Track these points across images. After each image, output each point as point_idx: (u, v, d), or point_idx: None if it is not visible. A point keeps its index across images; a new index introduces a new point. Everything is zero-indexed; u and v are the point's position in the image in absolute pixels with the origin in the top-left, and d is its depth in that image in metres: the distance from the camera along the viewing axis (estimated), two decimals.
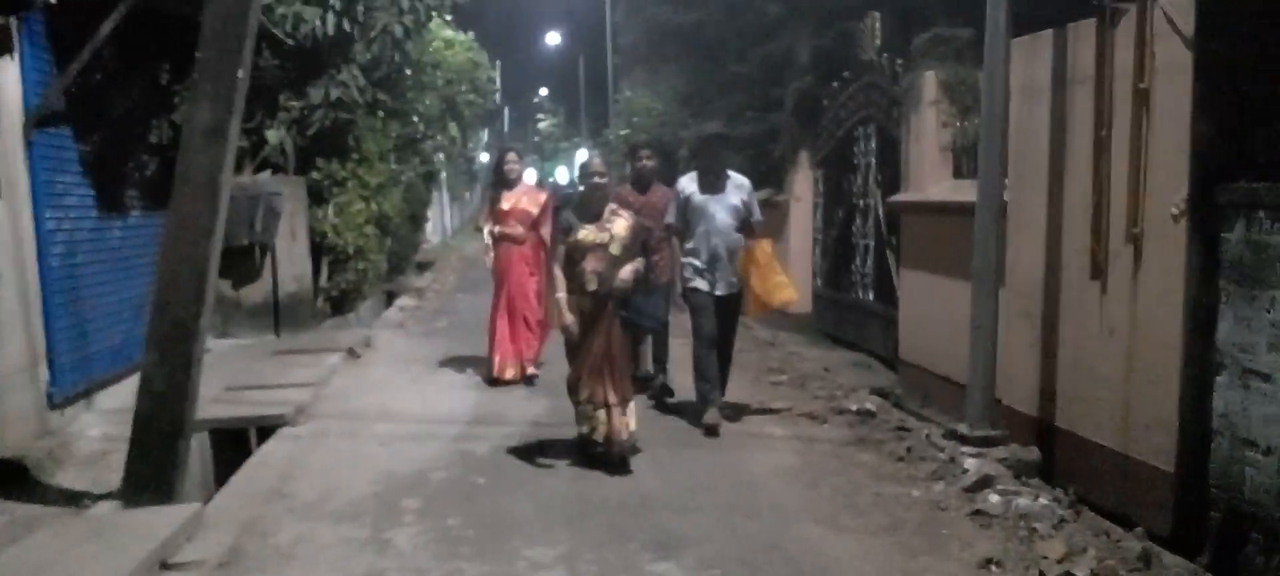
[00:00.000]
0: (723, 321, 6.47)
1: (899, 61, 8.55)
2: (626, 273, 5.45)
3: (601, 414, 5.54)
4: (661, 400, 7.21)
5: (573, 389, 5.64)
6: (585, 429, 5.63)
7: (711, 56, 13.37)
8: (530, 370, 8.00)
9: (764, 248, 6.42)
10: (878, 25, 9.09)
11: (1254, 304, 4.23)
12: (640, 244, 5.77)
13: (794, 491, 5.22)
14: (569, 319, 5.45)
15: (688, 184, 6.46)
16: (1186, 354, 4.52)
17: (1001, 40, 5.49)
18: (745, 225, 6.46)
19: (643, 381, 7.23)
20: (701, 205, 6.37)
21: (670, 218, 6.54)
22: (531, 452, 5.94)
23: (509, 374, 7.90)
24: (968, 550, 4.38)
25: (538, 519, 4.82)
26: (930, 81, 7.84)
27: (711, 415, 6.36)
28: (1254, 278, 4.23)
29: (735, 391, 7.19)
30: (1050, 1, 6.90)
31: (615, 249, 5.46)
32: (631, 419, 5.61)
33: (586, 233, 5.46)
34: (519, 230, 7.87)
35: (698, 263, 6.39)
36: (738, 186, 6.49)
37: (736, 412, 6.79)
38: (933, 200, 7.80)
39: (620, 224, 5.53)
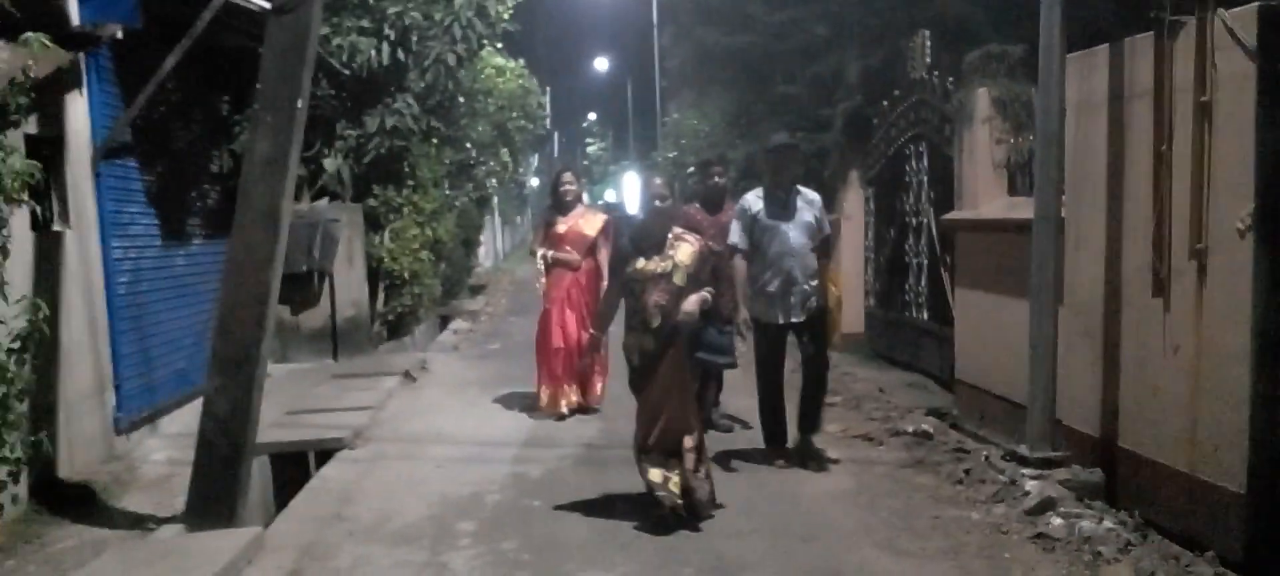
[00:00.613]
0: (809, 346, 6.00)
1: (950, 79, 8.48)
2: (692, 304, 4.88)
3: (675, 466, 4.95)
4: (721, 428, 6.85)
5: (641, 444, 4.99)
6: (657, 479, 4.94)
7: (759, 77, 13.37)
8: (594, 404, 7.60)
9: (831, 272, 5.93)
10: (928, 43, 9.01)
11: None
12: (710, 271, 5.32)
13: (851, 514, 5.16)
14: (599, 341, 5.40)
15: (754, 200, 5.93)
16: (1256, 371, 4.40)
17: (1056, 56, 5.42)
18: (820, 246, 5.98)
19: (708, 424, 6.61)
20: (772, 224, 5.85)
21: (734, 238, 5.95)
22: (585, 476, 5.95)
23: (564, 406, 7.48)
24: (1031, 575, 4.30)
25: (593, 543, 4.82)
26: (983, 98, 7.76)
27: (791, 452, 6.10)
28: None
29: (792, 415, 7.12)
30: (1104, 16, 6.81)
31: (679, 278, 4.89)
32: (708, 470, 5.15)
33: (647, 262, 4.92)
34: (574, 255, 7.53)
35: (770, 289, 5.87)
36: (809, 202, 5.98)
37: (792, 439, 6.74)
38: (988, 217, 7.70)
39: (685, 250, 4.95)
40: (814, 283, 5.91)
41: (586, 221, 7.64)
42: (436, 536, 4.97)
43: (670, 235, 5.00)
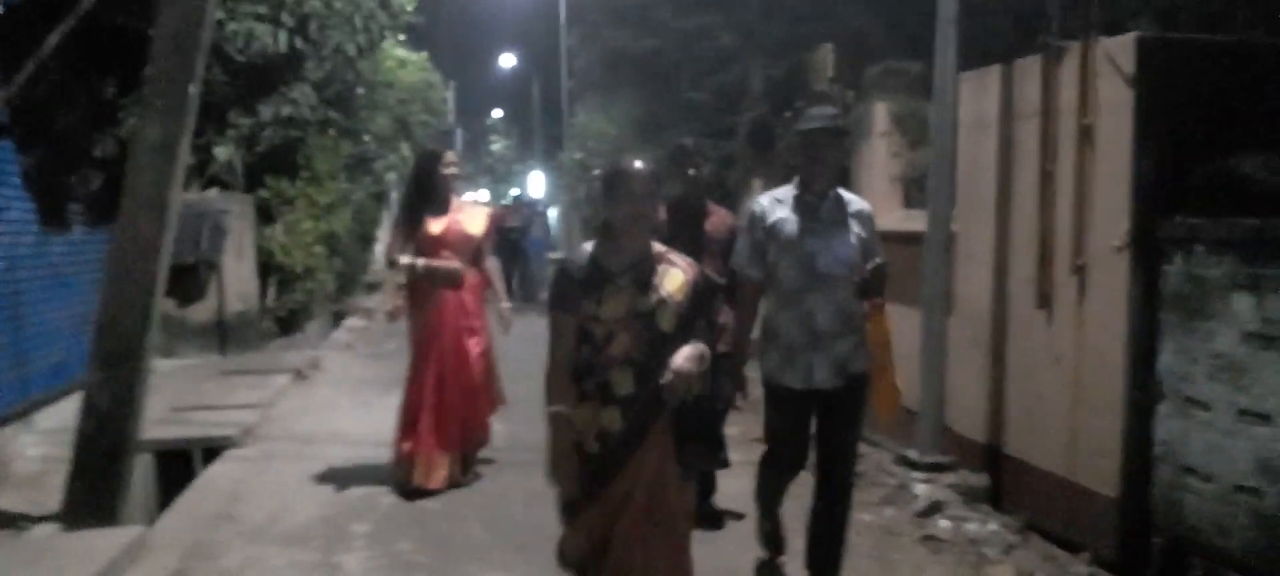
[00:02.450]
0: (833, 432, 4.02)
1: (850, 93, 8.69)
2: (686, 360, 2.98)
3: None
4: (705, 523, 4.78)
5: (574, 565, 3.26)
6: None
7: (667, 83, 13.47)
8: (471, 472, 5.81)
9: (886, 320, 3.92)
10: (831, 57, 9.22)
11: (1193, 334, 4.36)
12: (707, 310, 3.46)
13: (751, 517, 5.23)
14: (569, 472, 3.09)
15: (772, 206, 3.96)
16: (1129, 382, 4.64)
17: (950, 74, 5.62)
18: (869, 279, 3.80)
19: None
20: (798, 241, 3.87)
21: (742, 260, 4.04)
22: (482, 476, 5.89)
23: (437, 479, 5.50)
24: (919, 575, 4.44)
25: (489, 543, 4.79)
26: (881, 113, 7.98)
27: None
28: (1193, 309, 4.36)
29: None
30: (998, 37, 7.08)
31: (666, 322, 3.08)
32: None
33: (613, 295, 3.07)
34: (457, 264, 5.46)
35: (789, 337, 3.90)
36: (857, 214, 3.98)
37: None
38: (883, 229, 7.91)
39: (674, 280, 3.11)
40: (856, 335, 3.90)
41: (468, 218, 5.62)
42: (330, 537, 4.86)
43: (652, 254, 3.14)
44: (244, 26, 9.84)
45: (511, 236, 16.52)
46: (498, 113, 47.97)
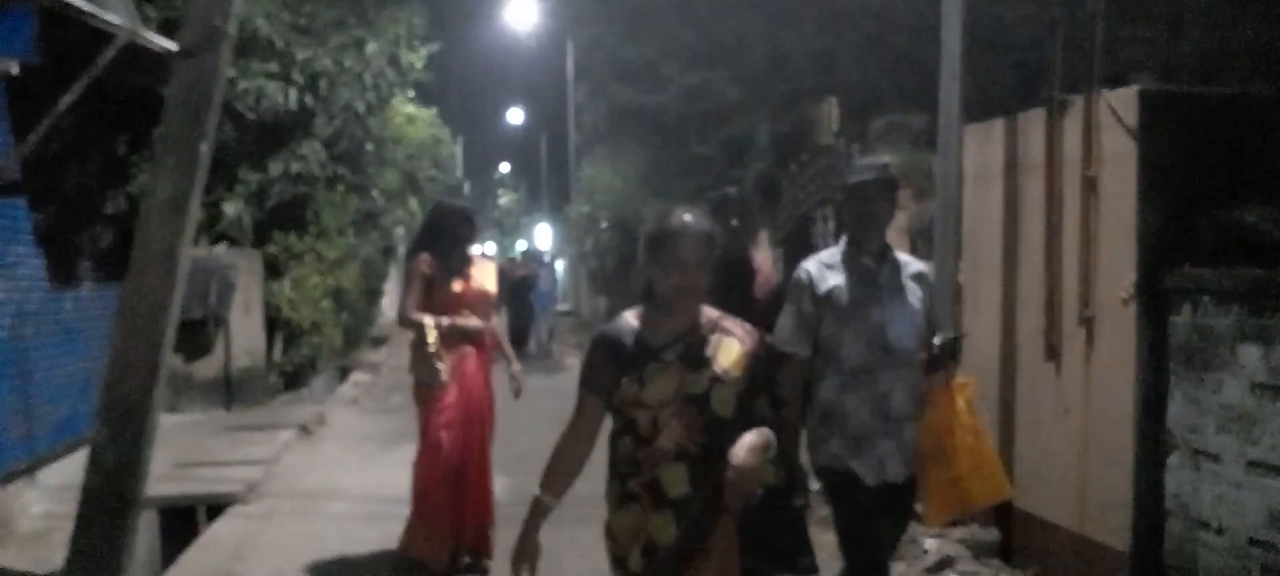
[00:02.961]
0: (887, 532, 3.59)
1: (856, 145, 8.75)
2: (748, 452, 2.53)
3: None
4: None
5: None
6: None
7: (673, 136, 13.60)
8: (485, 562, 5.21)
9: (967, 391, 3.51)
10: (835, 110, 9.29)
11: (1202, 386, 4.33)
12: (770, 386, 2.79)
13: None
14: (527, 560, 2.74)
15: (823, 273, 3.47)
16: (1138, 435, 4.60)
17: (955, 127, 5.65)
18: (940, 351, 3.45)
19: None
20: (862, 311, 3.40)
21: (786, 334, 3.52)
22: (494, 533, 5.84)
23: (455, 558, 5.12)
24: None
25: None
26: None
27: None
28: (1201, 360, 4.34)
29: None
30: (1002, 90, 7.14)
31: (723, 405, 2.62)
32: None
33: (660, 377, 2.62)
34: (477, 322, 5.14)
35: (851, 422, 3.38)
36: (916, 276, 3.56)
37: None
38: None
39: (731, 351, 2.67)
40: (918, 419, 3.47)
41: (482, 272, 5.27)
42: None
43: (702, 323, 2.70)
44: (255, 84, 9.98)
45: (521, 290, 16.56)
46: (505, 166, 48.35)
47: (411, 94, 14.78)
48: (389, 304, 19.71)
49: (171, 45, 5.20)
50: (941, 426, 3.42)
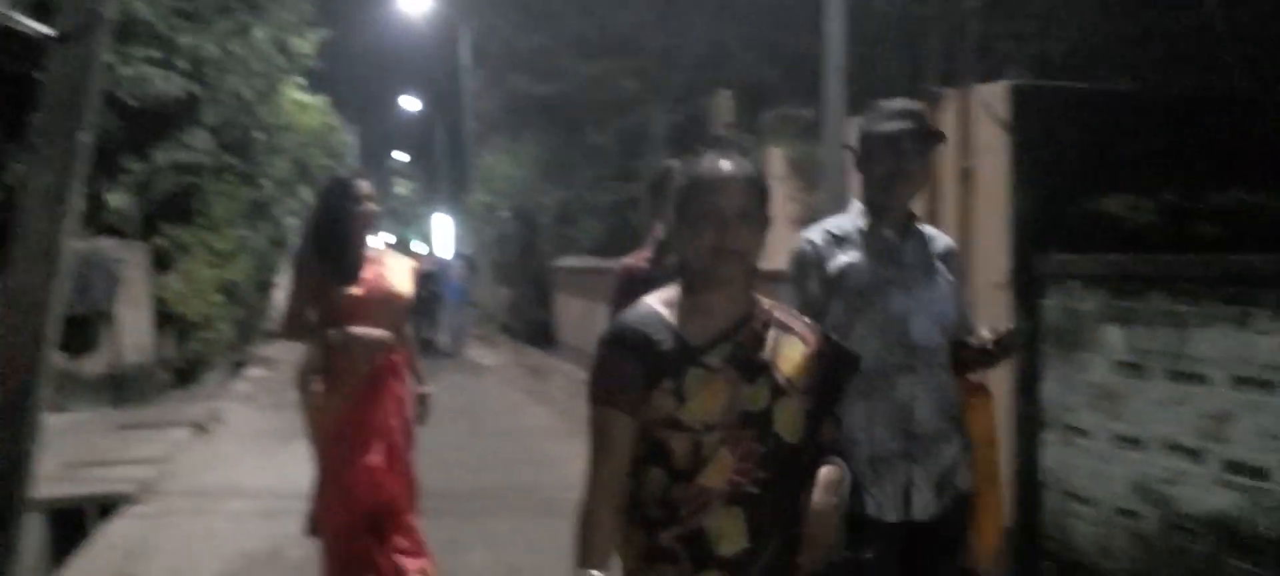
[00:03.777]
0: None
1: (748, 138, 8.96)
2: (830, 490, 1.99)
3: None
4: None
5: None
6: None
7: (571, 126, 13.65)
8: None
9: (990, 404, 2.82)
10: (729, 103, 9.49)
11: (1071, 365, 4.62)
12: (835, 400, 2.11)
13: None
14: None
15: (832, 246, 2.72)
16: (1016, 413, 4.88)
17: (839, 118, 5.87)
18: (981, 352, 2.66)
19: None
20: (880, 297, 2.66)
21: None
22: None
23: None
24: None
25: None
26: (777, 158, 8.24)
27: None
28: (1070, 341, 4.63)
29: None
30: (887, 83, 7.41)
31: (789, 426, 1.98)
32: None
33: (705, 389, 1.94)
34: (382, 333, 3.98)
35: (879, 440, 2.63)
36: (945, 255, 2.79)
37: None
38: (782, 270, 8.15)
39: (793, 353, 2.01)
40: (960, 435, 2.69)
41: (392, 271, 4.12)
42: None
43: (757, 312, 2.03)
44: (137, 71, 9.65)
45: (429, 285, 15.04)
46: (401, 155, 47.55)
47: (302, 81, 14.47)
48: (283, 296, 19.25)
49: (47, 30, 5.02)
50: (984, 438, 2.72)
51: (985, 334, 2.64)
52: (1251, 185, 4.87)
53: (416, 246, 26.86)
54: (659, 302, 2.00)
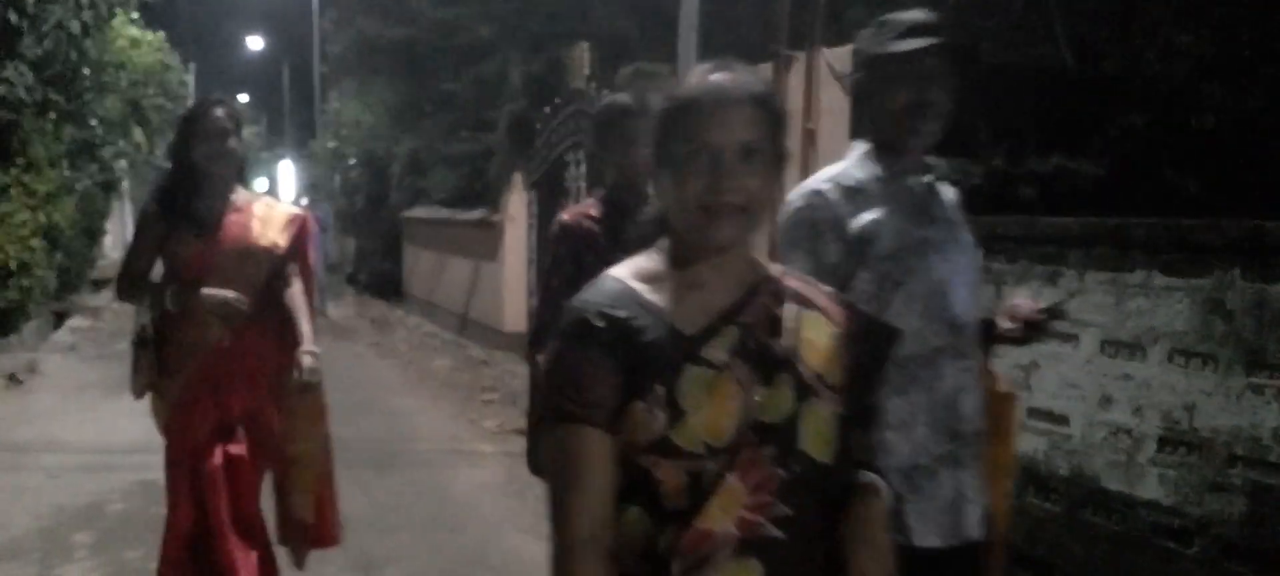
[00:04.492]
0: None
1: (605, 91, 8.94)
2: (877, 526, 1.48)
3: None
4: None
5: None
6: None
7: (424, 72, 13.30)
8: None
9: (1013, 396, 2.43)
10: (587, 56, 9.43)
11: None
12: (870, 397, 1.52)
13: (500, 504, 5.32)
14: None
15: (850, 200, 2.13)
16: None
17: None
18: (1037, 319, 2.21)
19: None
20: (906, 258, 2.08)
21: None
22: None
23: None
24: None
25: None
26: None
27: None
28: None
29: (444, 410, 7.18)
30: (741, 43, 7.52)
31: (819, 440, 1.42)
32: None
33: (707, 394, 1.37)
34: (238, 298, 3.18)
35: (921, 441, 2.07)
36: (958, 207, 2.26)
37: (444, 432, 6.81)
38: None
39: (816, 335, 1.45)
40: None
41: (261, 220, 3.34)
42: (48, 549, 4.51)
43: (764, 281, 1.48)
44: None
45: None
46: (244, 97, 45.39)
47: (135, 15, 13.59)
48: (113, 243, 18.19)
49: None
50: (1009, 436, 2.30)
51: (1022, 309, 2.18)
52: (1071, 152, 5.19)
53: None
54: (630, 276, 1.43)
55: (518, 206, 11.65)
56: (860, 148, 2.23)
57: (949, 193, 2.24)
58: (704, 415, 1.36)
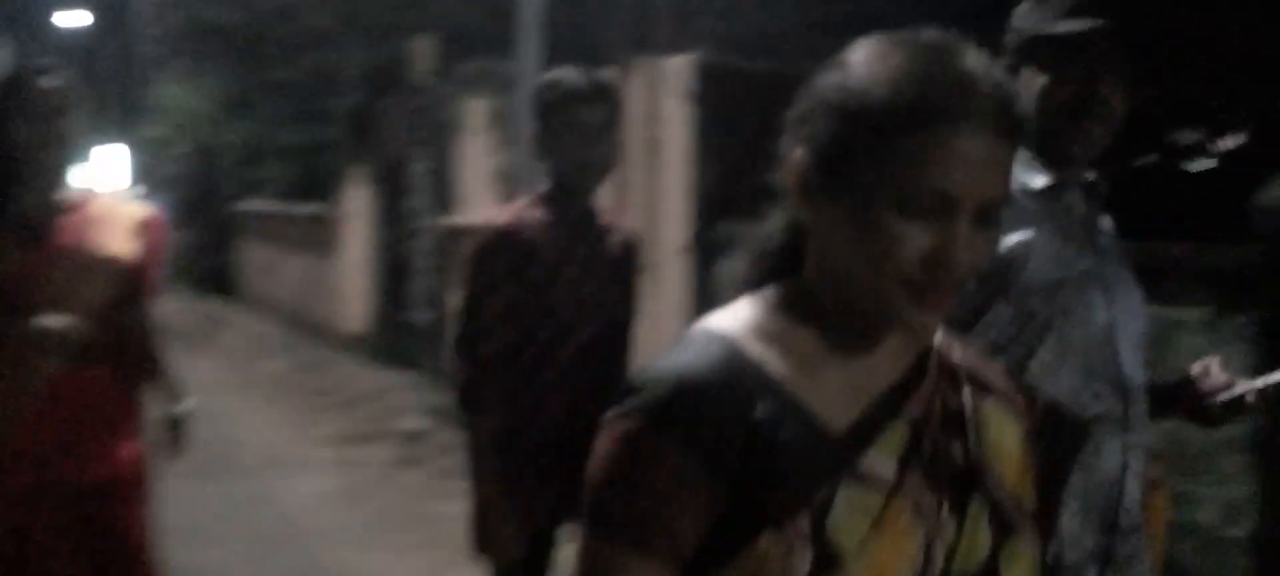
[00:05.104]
0: None
1: (448, 87, 8.78)
2: None
3: None
4: None
5: None
6: None
7: (257, 59, 12.73)
8: None
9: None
10: (428, 48, 9.23)
11: None
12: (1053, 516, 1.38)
13: (333, 516, 5.15)
14: None
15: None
16: None
17: (533, 77, 5.87)
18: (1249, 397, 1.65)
19: None
20: (1064, 296, 1.52)
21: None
22: None
23: None
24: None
25: None
26: (478, 110, 8.14)
27: None
28: None
29: (276, 415, 6.90)
30: (585, 44, 7.51)
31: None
32: None
33: (877, 528, 0.88)
34: (69, 327, 2.38)
35: (1074, 536, 1.52)
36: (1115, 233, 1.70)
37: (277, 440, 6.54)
38: (480, 224, 8.10)
39: (1006, 434, 0.98)
40: None
41: (103, 222, 2.56)
42: None
43: (935, 360, 0.96)
44: None
45: None
46: None
47: None
48: None
49: None
50: (1156, 523, 1.82)
51: (1220, 377, 1.69)
52: None
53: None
54: (742, 335, 0.93)
55: (358, 201, 11.31)
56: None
57: (1106, 219, 1.72)
58: (871, 560, 0.87)
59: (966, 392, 0.96)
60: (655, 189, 5.29)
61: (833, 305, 0.93)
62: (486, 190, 8.39)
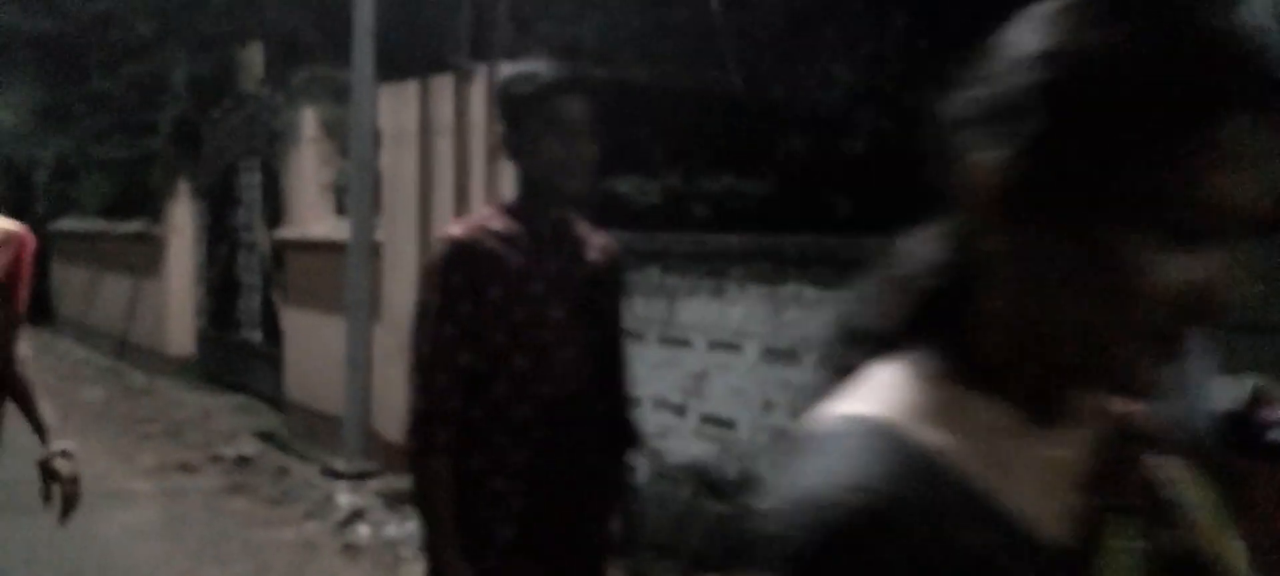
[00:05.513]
0: None
1: (281, 96, 8.44)
2: None
3: None
4: None
5: None
6: None
7: (75, 69, 11.93)
8: None
9: None
10: (260, 57, 8.86)
11: None
12: None
13: (154, 549, 4.84)
14: None
15: None
16: None
17: (368, 84, 5.69)
18: None
19: None
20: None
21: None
22: None
23: None
24: None
25: None
26: (310, 119, 7.85)
27: None
28: None
29: (94, 445, 6.42)
30: (419, 51, 7.35)
31: None
32: None
33: None
34: None
35: None
36: None
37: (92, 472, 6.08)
38: (313, 238, 7.80)
39: (1201, 493, 0.73)
40: None
41: None
42: None
43: (1125, 433, 0.72)
44: None
45: None
46: None
47: None
48: None
49: None
50: None
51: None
52: (741, 172, 5.49)
53: None
54: (911, 418, 0.66)
55: (183, 217, 10.74)
56: None
57: None
58: None
59: (1159, 462, 0.73)
60: (499, 198, 5.19)
61: (1025, 365, 0.67)
62: (319, 202, 8.10)
